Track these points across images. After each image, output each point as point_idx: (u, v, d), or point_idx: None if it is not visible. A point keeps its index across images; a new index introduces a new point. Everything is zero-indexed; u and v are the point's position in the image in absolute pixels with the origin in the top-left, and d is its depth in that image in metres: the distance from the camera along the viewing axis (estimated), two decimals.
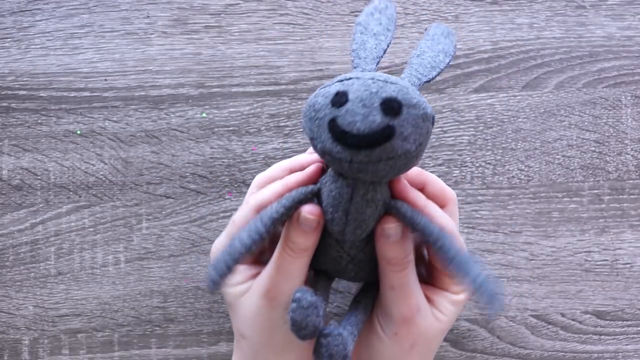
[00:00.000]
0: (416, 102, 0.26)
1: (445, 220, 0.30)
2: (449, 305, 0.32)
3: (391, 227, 0.29)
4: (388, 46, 0.30)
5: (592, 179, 0.43)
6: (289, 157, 0.34)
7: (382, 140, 0.25)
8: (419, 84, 0.28)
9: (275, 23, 0.43)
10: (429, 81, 0.29)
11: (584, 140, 0.43)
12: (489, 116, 0.43)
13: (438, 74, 0.29)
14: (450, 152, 0.43)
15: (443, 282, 0.32)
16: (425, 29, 0.43)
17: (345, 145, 0.25)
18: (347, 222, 0.29)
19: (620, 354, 0.42)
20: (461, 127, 0.43)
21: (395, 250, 0.29)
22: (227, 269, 0.27)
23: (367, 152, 0.25)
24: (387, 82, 0.26)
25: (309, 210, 0.29)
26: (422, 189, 0.32)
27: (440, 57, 0.30)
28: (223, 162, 0.43)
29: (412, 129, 0.25)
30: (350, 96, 0.25)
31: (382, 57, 0.30)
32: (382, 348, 0.31)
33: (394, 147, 0.25)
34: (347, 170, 0.26)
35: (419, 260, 0.33)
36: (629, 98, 0.43)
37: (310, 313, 0.26)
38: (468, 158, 0.43)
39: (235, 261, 0.27)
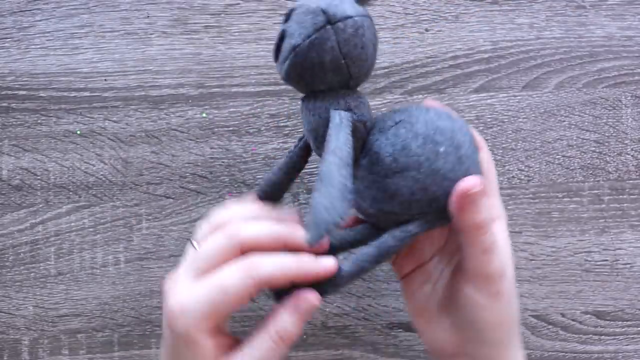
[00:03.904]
0: (302, 2, 0.28)
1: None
2: (502, 235, 0.30)
3: (475, 190, 0.27)
4: None
5: (592, 179, 0.43)
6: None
7: (277, 53, 0.29)
8: None
9: (275, 23, 0.43)
10: None
11: (584, 141, 0.43)
12: (489, 116, 0.43)
13: None
14: None
15: None
16: (426, 29, 0.43)
17: None
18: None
19: (620, 354, 0.42)
20: None
21: (482, 215, 0.27)
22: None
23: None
24: None
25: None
26: None
27: None
28: (223, 162, 0.43)
29: (296, 25, 0.27)
30: None
31: None
32: (490, 315, 0.30)
33: (285, 46, 0.28)
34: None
35: None
36: (629, 98, 0.43)
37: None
38: None
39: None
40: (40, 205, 0.43)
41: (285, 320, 0.28)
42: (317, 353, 0.35)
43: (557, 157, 0.43)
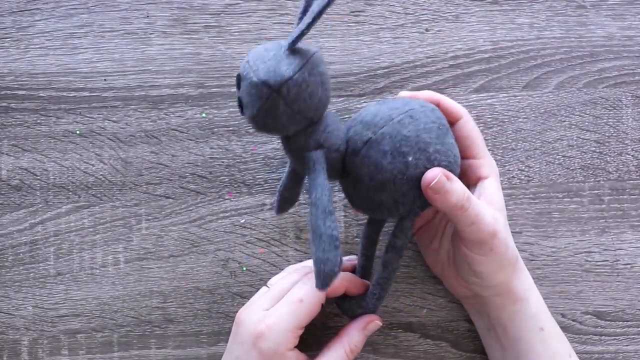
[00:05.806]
0: (245, 73, 0.29)
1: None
2: (493, 190, 0.36)
3: (435, 182, 0.31)
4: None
5: (592, 179, 0.43)
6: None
7: (242, 111, 0.31)
8: (292, 39, 0.29)
9: (275, 23, 0.43)
10: (303, 33, 0.28)
11: (585, 141, 0.43)
12: (489, 116, 0.43)
13: (312, 22, 0.28)
14: None
15: (473, 175, 0.36)
16: (426, 29, 0.43)
17: None
18: None
19: (621, 354, 0.42)
20: None
21: (454, 198, 0.31)
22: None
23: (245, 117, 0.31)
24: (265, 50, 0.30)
25: None
26: (436, 105, 0.35)
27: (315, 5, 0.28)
28: (223, 162, 0.43)
29: (247, 97, 0.29)
30: None
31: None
32: (488, 267, 0.35)
33: (245, 114, 0.30)
34: None
35: None
36: (629, 98, 0.43)
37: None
38: None
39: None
40: (40, 206, 0.43)
41: (355, 336, 0.35)
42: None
43: (558, 157, 0.43)
